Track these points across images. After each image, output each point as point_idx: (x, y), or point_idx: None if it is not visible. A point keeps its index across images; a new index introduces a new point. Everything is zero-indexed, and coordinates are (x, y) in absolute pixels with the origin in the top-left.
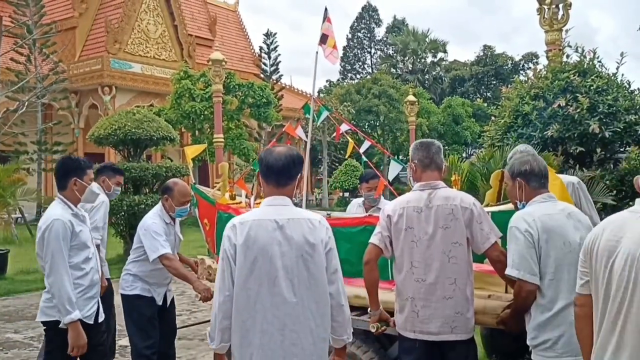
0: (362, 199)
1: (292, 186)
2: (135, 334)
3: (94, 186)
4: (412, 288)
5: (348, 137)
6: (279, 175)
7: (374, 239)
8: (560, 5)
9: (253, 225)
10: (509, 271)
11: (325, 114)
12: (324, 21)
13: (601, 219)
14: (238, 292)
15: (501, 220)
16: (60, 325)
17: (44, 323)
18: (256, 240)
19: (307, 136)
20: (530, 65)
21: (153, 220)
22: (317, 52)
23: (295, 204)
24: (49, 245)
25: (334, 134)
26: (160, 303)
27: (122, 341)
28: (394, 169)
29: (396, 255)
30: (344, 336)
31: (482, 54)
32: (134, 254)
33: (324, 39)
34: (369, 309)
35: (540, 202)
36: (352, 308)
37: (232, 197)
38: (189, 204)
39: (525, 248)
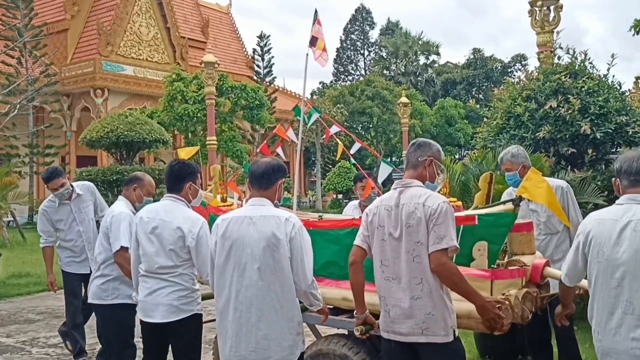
0: (358, 200)
1: (272, 190)
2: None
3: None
4: (383, 287)
5: (337, 140)
6: (259, 181)
7: (357, 240)
8: (552, 7)
9: (232, 221)
10: None
11: (315, 116)
12: (314, 23)
13: None
14: (217, 276)
15: (490, 223)
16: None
17: (181, 321)
18: (232, 233)
19: (298, 138)
20: (519, 67)
21: (122, 210)
22: (307, 55)
23: (276, 205)
24: (207, 248)
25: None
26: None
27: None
28: (384, 171)
29: (372, 253)
30: (315, 305)
31: (472, 57)
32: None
33: (313, 41)
34: (354, 312)
35: None
36: (341, 311)
37: (224, 200)
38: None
39: None
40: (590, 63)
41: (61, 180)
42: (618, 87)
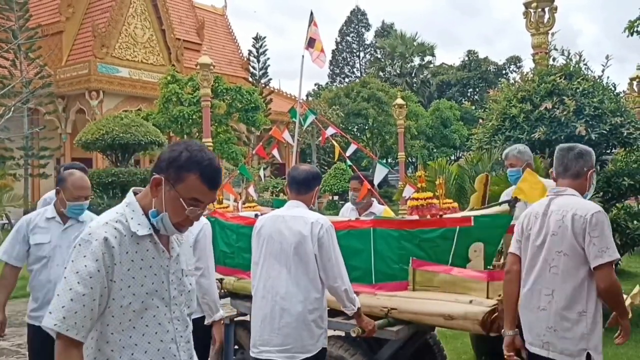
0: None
1: (309, 195)
2: None
3: None
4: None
5: (334, 141)
6: (299, 186)
7: (512, 247)
8: (546, 9)
9: (268, 219)
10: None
11: (311, 117)
12: (310, 25)
13: None
14: (253, 268)
15: (485, 224)
16: (207, 322)
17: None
18: (266, 229)
19: (294, 140)
20: (514, 68)
21: (29, 215)
22: (303, 56)
23: (311, 209)
24: (206, 247)
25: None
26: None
27: None
28: (380, 172)
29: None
30: (347, 307)
31: (466, 59)
32: None
33: (311, 43)
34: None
35: None
36: (336, 312)
37: (219, 202)
38: (86, 200)
39: None
40: (585, 64)
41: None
42: (613, 89)
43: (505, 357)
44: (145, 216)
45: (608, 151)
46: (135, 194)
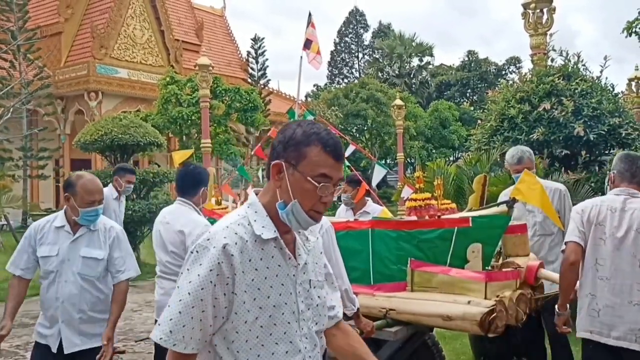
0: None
1: None
2: None
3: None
4: (593, 285)
5: None
6: None
7: (573, 237)
8: (545, 10)
9: None
10: None
11: (309, 118)
12: (308, 26)
13: None
14: None
15: (484, 225)
16: None
17: None
18: None
19: None
20: (514, 69)
21: (38, 222)
22: (301, 57)
23: None
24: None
25: None
26: (54, 350)
27: None
28: (378, 173)
29: (586, 251)
30: (346, 307)
31: (466, 59)
32: None
33: (308, 44)
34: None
35: None
36: None
37: (218, 202)
38: (100, 205)
39: None
40: (584, 65)
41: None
42: (611, 89)
43: (561, 331)
44: (270, 218)
45: (606, 152)
46: (256, 194)
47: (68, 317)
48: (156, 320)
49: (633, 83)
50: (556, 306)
